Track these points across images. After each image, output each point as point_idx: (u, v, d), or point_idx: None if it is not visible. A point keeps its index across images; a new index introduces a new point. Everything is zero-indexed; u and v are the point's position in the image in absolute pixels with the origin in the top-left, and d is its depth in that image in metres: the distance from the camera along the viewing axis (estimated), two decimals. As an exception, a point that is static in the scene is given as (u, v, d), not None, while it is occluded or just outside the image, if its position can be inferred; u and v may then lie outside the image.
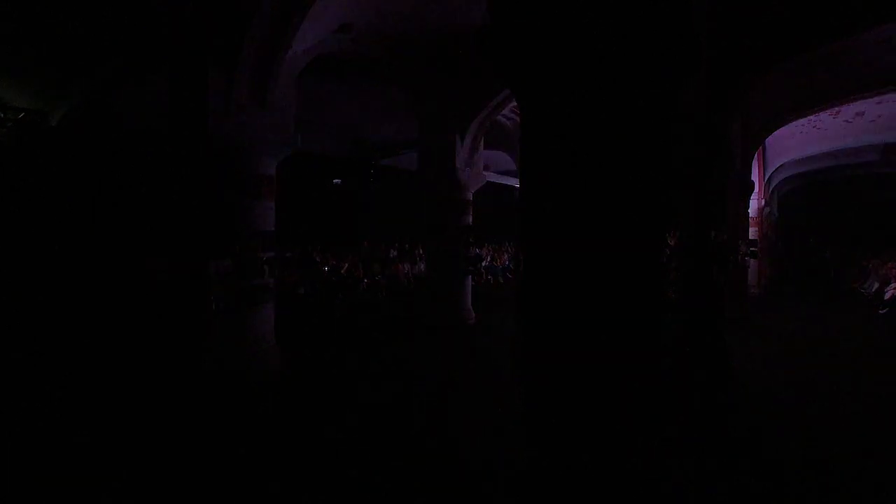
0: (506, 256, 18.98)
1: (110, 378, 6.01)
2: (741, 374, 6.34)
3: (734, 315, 8.85)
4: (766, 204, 13.93)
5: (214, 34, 5.39)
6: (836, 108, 9.75)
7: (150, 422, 4.77)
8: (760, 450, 4.28)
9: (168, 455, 4.12)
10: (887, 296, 10.56)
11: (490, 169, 14.28)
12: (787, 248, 16.23)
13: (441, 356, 7.46)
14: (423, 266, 15.16)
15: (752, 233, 12.56)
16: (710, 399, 5.81)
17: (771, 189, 14.35)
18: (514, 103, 9.89)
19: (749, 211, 11.62)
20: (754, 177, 12.05)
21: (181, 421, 4.81)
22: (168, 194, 5.84)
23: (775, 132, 10.16)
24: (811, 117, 10.26)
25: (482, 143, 9.99)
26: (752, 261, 11.92)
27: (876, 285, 11.40)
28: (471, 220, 9.78)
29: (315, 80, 9.09)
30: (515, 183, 13.05)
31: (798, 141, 11.85)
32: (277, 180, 6.29)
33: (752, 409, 5.32)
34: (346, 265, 13.33)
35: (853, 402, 5.48)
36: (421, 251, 16.42)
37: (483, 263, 16.87)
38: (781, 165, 13.30)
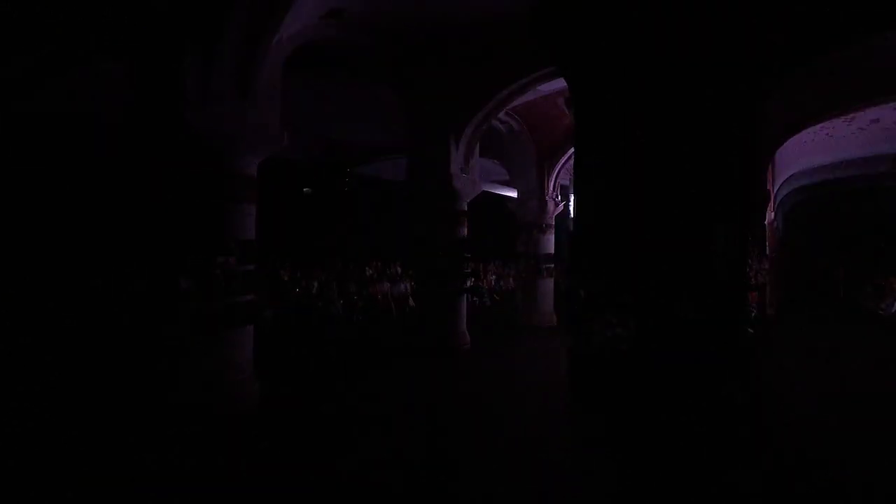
0: (492, 277, 18.89)
1: (57, 413, 5.52)
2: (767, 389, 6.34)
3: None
4: (774, 218, 14.28)
5: (193, 11, 5.15)
6: (852, 115, 10.09)
7: (105, 468, 4.35)
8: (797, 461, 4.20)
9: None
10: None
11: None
12: (793, 265, 16.64)
13: (442, 386, 7.20)
14: (404, 286, 14.90)
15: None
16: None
17: (778, 202, 14.74)
18: (513, 105, 9.88)
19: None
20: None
21: (143, 465, 4.42)
22: (131, 195, 5.49)
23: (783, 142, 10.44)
24: (824, 123, 10.58)
25: (478, 148, 9.92)
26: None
27: None
28: (466, 232, 9.63)
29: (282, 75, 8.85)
30: (509, 193, 13.04)
31: (809, 149, 12.21)
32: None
33: (782, 419, 5.27)
34: (317, 284, 12.96)
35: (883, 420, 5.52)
36: (399, 269, 16.16)
37: (468, 283, 16.70)
38: (791, 176, 13.69)
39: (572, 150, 12.64)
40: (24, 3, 5.42)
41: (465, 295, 9.82)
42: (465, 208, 9.66)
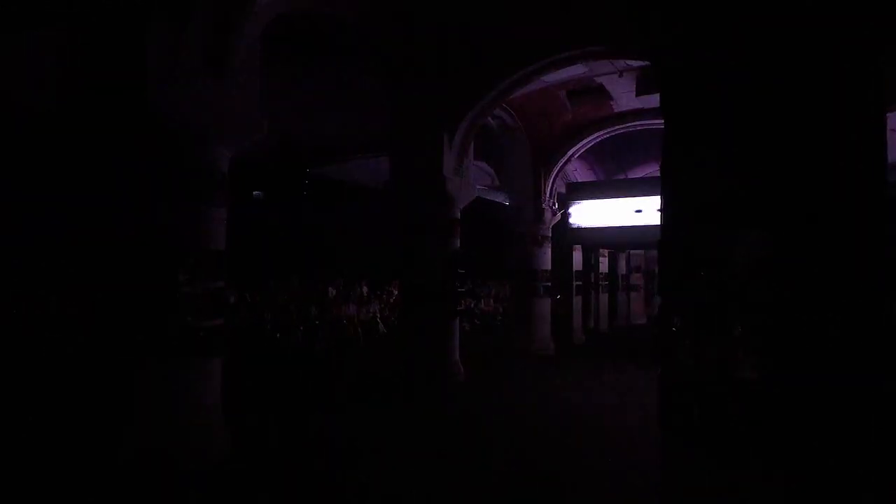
0: (471, 300, 18.61)
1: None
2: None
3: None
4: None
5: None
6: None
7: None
8: None
9: None
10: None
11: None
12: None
13: (439, 428, 6.85)
14: (373, 308, 14.51)
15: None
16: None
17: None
18: (513, 95, 9.68)
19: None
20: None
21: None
22: (78, 195, 5.02)
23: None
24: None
25: (472, 147, 9.72)
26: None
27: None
28: (458, 244, 9.35)
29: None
30: (501, 199, 12.90)
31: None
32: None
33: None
34: (272, 308, 12.46)
35: None
36: (365, 289, 15.76)
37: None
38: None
39: (571, 151, 12.64)
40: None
41: (458, 319, 9.53)
42: (458, 216, 9.39)
